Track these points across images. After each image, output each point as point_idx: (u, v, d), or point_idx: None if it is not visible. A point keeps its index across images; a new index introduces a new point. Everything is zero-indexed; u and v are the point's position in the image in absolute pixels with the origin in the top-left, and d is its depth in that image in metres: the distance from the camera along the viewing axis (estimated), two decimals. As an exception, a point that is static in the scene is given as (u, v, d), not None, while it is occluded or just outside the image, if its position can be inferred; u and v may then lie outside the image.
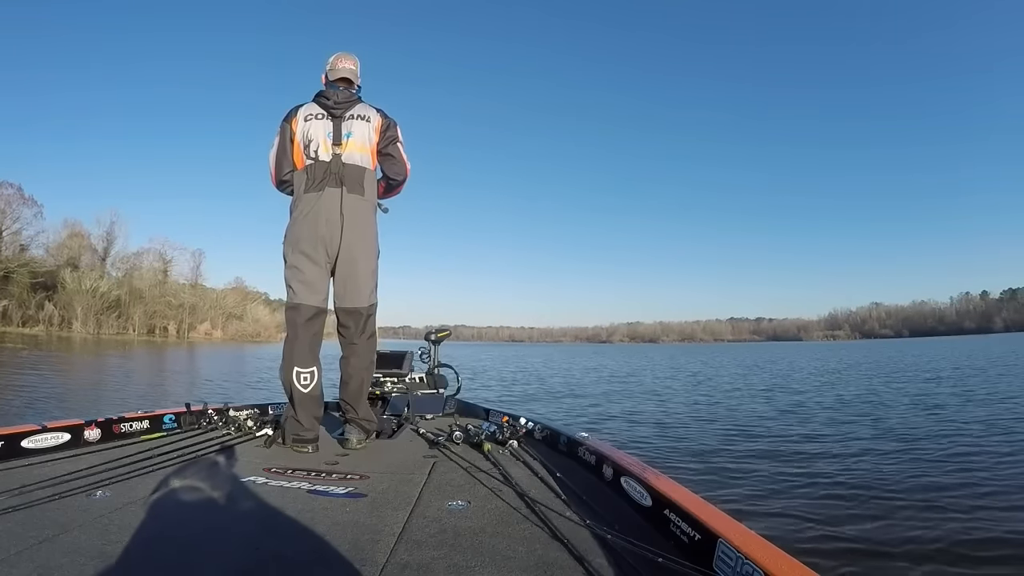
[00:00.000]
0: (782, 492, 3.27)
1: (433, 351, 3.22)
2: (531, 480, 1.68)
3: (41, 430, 1.92)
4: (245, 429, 2.35)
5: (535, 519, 1.34)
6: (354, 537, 1.21)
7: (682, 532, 1.17)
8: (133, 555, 1.12)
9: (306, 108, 2.27)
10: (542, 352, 44.67)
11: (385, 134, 2.33)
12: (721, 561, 1.00)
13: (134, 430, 2.25)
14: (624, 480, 1.51)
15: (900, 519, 2.76)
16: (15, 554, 1.09)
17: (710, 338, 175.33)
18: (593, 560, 1.11)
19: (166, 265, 55.72)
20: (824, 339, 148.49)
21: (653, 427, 5.91)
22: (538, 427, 2.27)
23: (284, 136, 2.26)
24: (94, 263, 49.83)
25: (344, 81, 2.31)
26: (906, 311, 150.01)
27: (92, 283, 45.71)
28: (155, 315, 51.37)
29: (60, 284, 44.02)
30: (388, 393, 3.00)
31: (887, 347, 42.21)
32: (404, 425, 2.54)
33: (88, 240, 50.41)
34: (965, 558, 2.31)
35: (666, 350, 58.78)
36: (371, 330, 2.31)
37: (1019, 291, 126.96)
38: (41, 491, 1.45)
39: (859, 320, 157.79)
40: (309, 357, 2.19)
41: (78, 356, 19.84)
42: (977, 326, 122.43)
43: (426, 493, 1.55)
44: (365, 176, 2.26)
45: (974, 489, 3.26)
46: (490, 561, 1.10)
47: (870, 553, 2.37)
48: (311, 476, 1.72)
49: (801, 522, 2.74)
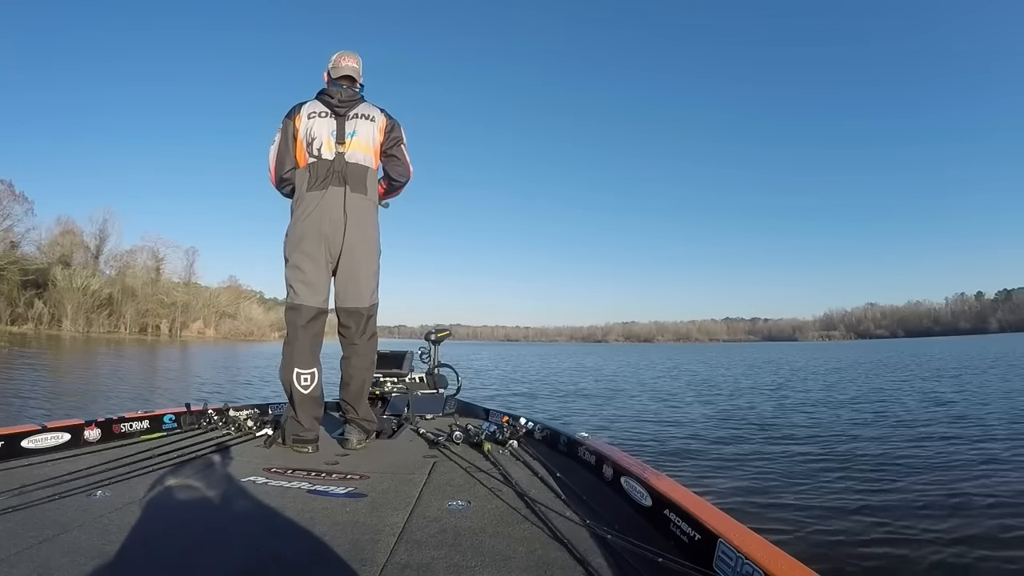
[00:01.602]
0: (782, 492, 3.26)
1: (433, 351, 3.22)
2: (531, 480, 1.68)
3: (41, 430, 1.92)
4: (245, 429, 2.34)
5: (535, 519, 1.34)
6: (354, 537, 1.21)
7: (682, 532, 1.17)
8: (133, 555, 1.12)
9: (309, 105, 2.24)
10: (537, 351, 44.65)
11: (390, 135, 2.31)
12: (721, 561, 1.00)
13: (134, 430, 2.24)
14: (624, 480, 1.51)
15: (901, 519, 2.74)
16: (15, 554, 1.09)
17: (705, 338, 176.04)
18: (593, 560, 1.11)
19: (159, 263, 55.45)
20: (819, 339, 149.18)
21: (653, 427, 5.88)
22: (538, 427, 2.27)
23: (286, 133, 2.22)
24: (87, 261, 49.46)
25: (347, 79, 2.28)
26: (901, 311, 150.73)
27: (83, 281, 45.31)
28: (147, 313, 51.05)
29: (51, 282, 43.62)
30: (388, 393, 2.99)
31: (883, 347, 42.25)
32: (404, 425, 2.54)
33: (81, 238, 50.11)
34: (966, 558, 2.30)
35: (662, 350, 58.84)
36: (372, 330, 2.30)
37: (1014, 292, 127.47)
38: (41, 491, 1.45)
39: (854, 320, 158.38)
40: (310, 358, 2.18)
41: (59, 355, 19.10)
42: (972, 326, 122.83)
43: (426, 493, 1.55)
44: (368, 175, 2.24)
45: (980, 490, 3.21)
46: (490, 561, 1.11)
47: (871, 553, 2.36)
48: (311, 476, 1.72)
49: (801, 522, 2.73)
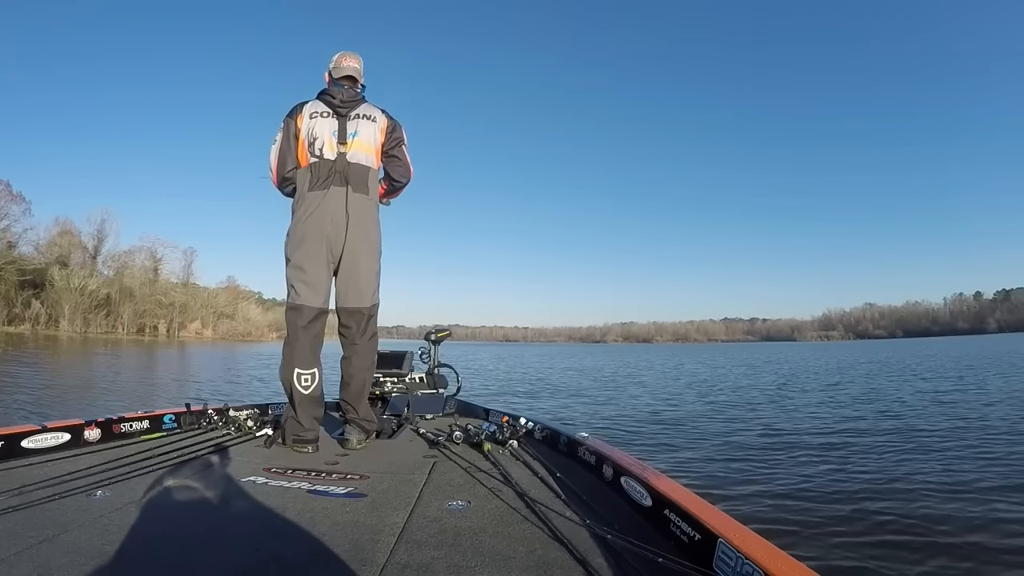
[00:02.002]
0: (783, 492, 3.24)
1: (433, 351, 3.22)
2: (531, 480, 1.68)
3: (41, 430, 1.92)
4: (245, 429, 2.34)
5: (535, 519, 1.34)
6: (354, 537, 1.21)
7: (682, 532, 1.17)
8: (133, 555, 1.12)
9: (311, 105, 2.24)
10: (536, 352, 44.60)
11: (391, 135, 2.32)
12: (721, 561, 1.00)
13: (134, 430, 2.24)
14: (624, 480, 1.51)
15: (902, 519, 2.74)
16: (15, 554, 1.09)
17: (704, 338, 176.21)
18: (593, 560, 1.11)
19: (156, 263, 55.29)
20: (818, 339, 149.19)
21: (653, 427, 5.87)
22: (538, 427, 2.26)
23: (288, 132, 2.22)
24: (85, 261, 49.31)
25: (348, 79, 2.29)
26: (900, 311, 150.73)
27: (80, 281, 45.17)
28: (145, 314, 50.91)
29: (48, 282, 43.48)
30: (388, 393, 2.99)
31: (882, 347, 42.18)
32: (404, 425, 2.54)
33: (78, 238, 49.95)
34: (967, 558, 2.29)
35: (661, 350, 58.75)
36: (372, 330, 2.30)
37: (1013, 292, 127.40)
38: (41, 491, 1.45)
39: (853, 320, 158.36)
40: (310, 359, 2.18)
41: (56, 356, 18.54)
42: (971, 326, 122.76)
43: (426, 493, 1.55)
44: (370, 176, 2.25)
45: (982, 490, 3.19)
46: (490, 561, 1.11)
47: (871, 553, 2.35)
48: (311, 476, 1.72)
49: (801, 522, 2.72)
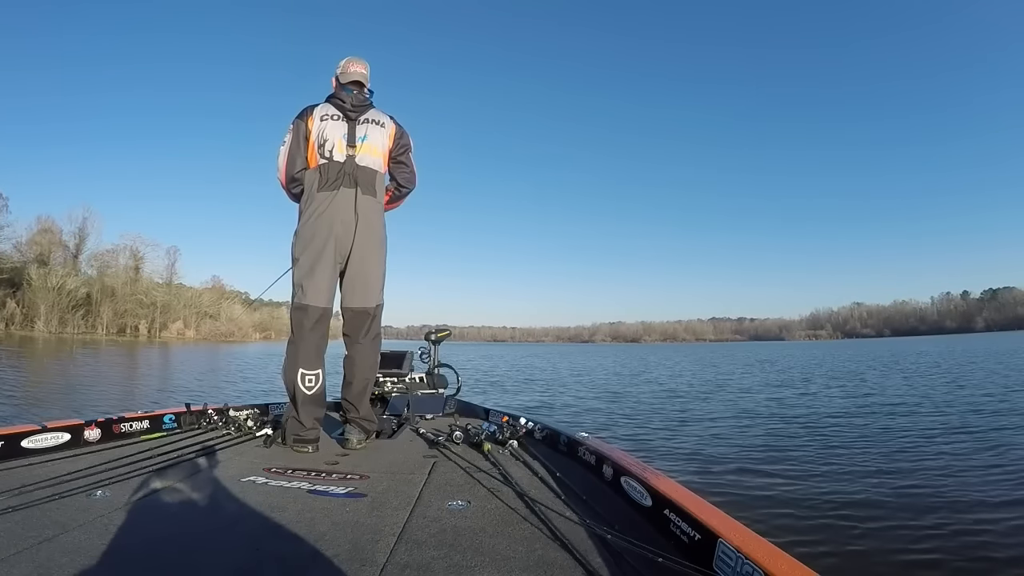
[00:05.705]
0: (783, 492, 3.25)
1: (433, 351, 3.21)
2: (531, 480, 1.69)
3: (41, 430, 1.91)
4: (245, 429, 2.34)
5: (535, 519, 1.34)
6: (354, 537, 1.21)
7: (682, 532, 1.17)
8: (133, 555, 1.12)
9: (321, 108, 2.26)
10: (527, 352, 44.54)
11: (399, 141, 2.34)
12: (721, 561, 1.01)
13: (134, 430, 2.23)
14: (624, 480, 1.52)
15: (903, 519, 2.74)
16: (15, 554, 1.09)
17: (692, 338, 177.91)
18: (593, 560, 1.12)
19: (138, 262, 54.12)
20: (806, 339, 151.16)
21: (653, 427, 5.86)
22: (538, 427, 2.27)
23: (298, 133, 2.24)
24: (66, 260, 48.22)
25: (356, 84, 2.30)
26: (887, 311, 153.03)
27: (59, 280, 44.13)
28: (125, 314, 49.87)
29: (26, 281, 42.41)
30: (388, 393, 2.98)
31: (871, 346, 42.43)
32: (404, 425, 2.54)
33: (59, 236, 48.81)
34: (968, 558, 2.29)
35: (650, 349, 59.01)
36: (376, 330, 2.31)
37: (999, 291, 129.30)
38: (41, 491, 1.44)
39: (841, 320, 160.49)
40: (315, 359, 2.18)
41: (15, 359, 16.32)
42: (958, 326, 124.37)
43: (426, 493, 1.55)
44: (377, 179, 2.27)
45: (984, 490, 3.20)
46: (490, 561, 1.11)
47: (872, 553, 2.36)
48: (311, 476, 1.72)
49: (802, 522, 2.73)
